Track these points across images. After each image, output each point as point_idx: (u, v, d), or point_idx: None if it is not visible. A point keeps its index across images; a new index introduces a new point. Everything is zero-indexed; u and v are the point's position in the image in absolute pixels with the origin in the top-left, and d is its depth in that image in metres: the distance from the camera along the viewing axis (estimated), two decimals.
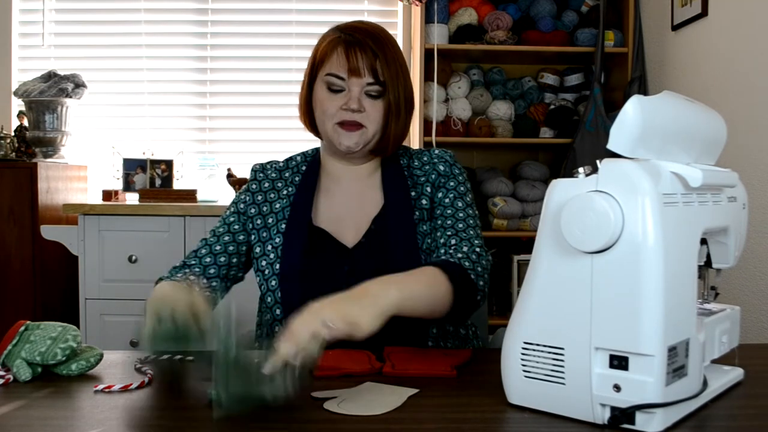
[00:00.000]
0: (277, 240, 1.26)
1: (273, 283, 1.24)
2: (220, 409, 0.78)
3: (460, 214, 1.25)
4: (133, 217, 2.66)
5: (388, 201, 1.27)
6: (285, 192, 1.30)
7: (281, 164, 1.36)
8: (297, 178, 1.32)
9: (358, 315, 0.88)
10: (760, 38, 2.10)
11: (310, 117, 1.29)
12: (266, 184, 1.32)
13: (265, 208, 1.29)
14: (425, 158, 1.32)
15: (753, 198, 2.03)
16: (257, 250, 1.28)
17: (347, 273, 1.21)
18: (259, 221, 1.29)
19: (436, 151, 1.33)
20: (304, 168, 1.34)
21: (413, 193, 1.28)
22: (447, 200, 1.27)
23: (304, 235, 1.24)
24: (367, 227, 1.26)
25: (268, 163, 1.36)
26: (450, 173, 1.30)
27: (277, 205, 1.29)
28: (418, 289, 1.02)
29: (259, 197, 1.31)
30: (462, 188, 1.29)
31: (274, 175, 1.34)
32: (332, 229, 1.26)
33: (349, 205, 1.29)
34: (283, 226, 1.26)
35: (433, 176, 1.29)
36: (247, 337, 0.84)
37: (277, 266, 1.23)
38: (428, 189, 1.28)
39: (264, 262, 1.25)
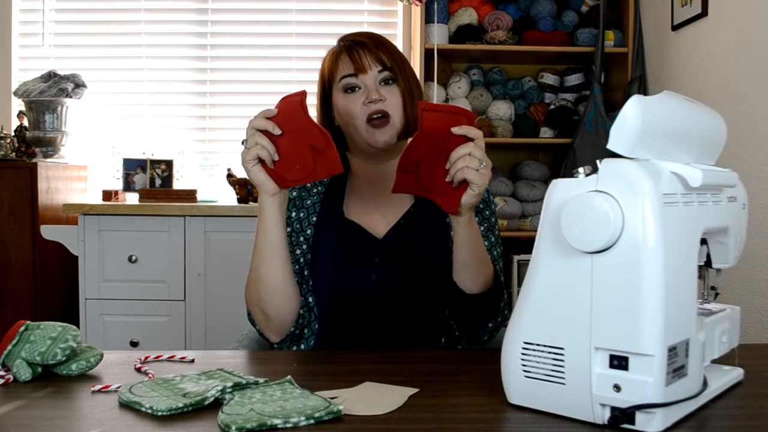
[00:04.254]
0: (309, 231, 1.30)
1: (305, 272, 1.28)
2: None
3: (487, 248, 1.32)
4: (133, 217, 2.66)
5: (419, 199, 1.31)
6: (315, 191, 1.34)
7: None
8: (325, 180, 1.36)
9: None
10: (760, 38, 2.10)
11: (332, 133, 1.33)
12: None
13: (297, 203, 1.34)
14: None
15: (753, 198, 2.03)
16: (291, 240, 1.31)
17: (377, 264, 1.26)
18: (293, 214, 1.33)
19: None
20: None
21: None
22: (481, 229, 1.31)
23: (335, 226, 1.28)
24: (396, 221, 1.31)
25: None
26: (488, 200, 1.37)
27: (308, 202, 1.33)
28: (481, 241, 1.19)
29: (294, 192, 1.35)
30: (493, 219, 1.37)
31: None
32: (362, 221, 1.31)
33: (378, 201, 1.33)
34: (314, 218, 1.31)
35: None
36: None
37: (309, 256, 1.28)
38: None
39: (298, 251, 1.29)
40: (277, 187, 1.13)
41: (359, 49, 1.26)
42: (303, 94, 1.11)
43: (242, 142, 1.12)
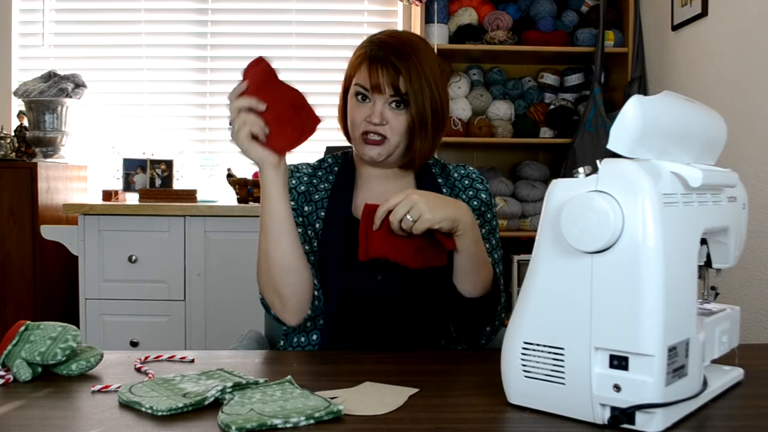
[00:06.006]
0: (317, 226, 1.29)
1: (313, 270, 1.26)
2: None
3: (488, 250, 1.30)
4: (133, 217, 2.66)
5: None
6: (322, 186, 1.34)
7: (314, 163, 1.40)
8: (331, 177, 1.35)
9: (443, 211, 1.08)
10: (760, 38, 2.10)
11: (345, 124, 1.33)
12: (305, 178, 1.36)
13: (304, 198, 1.33)
14: (462, 171, 1.38)
15: (753, 198, 2.03)
16: (301, 234, 1.30)
17: (383, 264, 1.24)
18: (305, 208, 1.32)
19: (472, 170, 1.39)
20: (336, 168, 1.38)
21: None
22: (483, 231, 1.30)
23: (343, 224, 1.27)
24: None
25: (299, 164, 1.40)
26: (490, 203, 1.36)
27: (316, 196, 1.32)
28: (482, 246, 1.17)
29: (302, 187, 1.34)
30: (495, 222, 1.36)
31: (309, 171, 1.37)
32: None
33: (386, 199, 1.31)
34: (323, 213, 1.30)
35: (476, 203, 1.33)
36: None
37: (318, 252, 1.27)
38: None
39: (307, 248, 1.27)
40: (278, 158, 1.12)
41: (380, 65, 1.21)
42: (264, 60, 1.12)
43: (229, 124, 1.12)
